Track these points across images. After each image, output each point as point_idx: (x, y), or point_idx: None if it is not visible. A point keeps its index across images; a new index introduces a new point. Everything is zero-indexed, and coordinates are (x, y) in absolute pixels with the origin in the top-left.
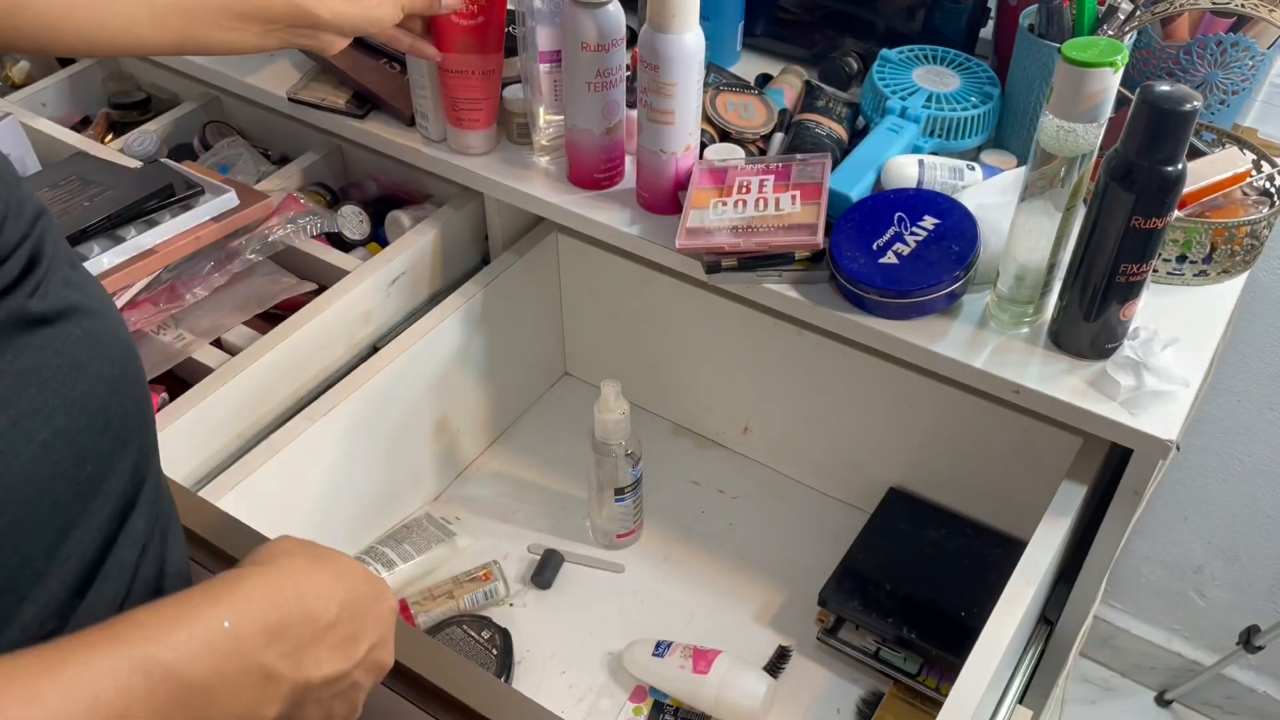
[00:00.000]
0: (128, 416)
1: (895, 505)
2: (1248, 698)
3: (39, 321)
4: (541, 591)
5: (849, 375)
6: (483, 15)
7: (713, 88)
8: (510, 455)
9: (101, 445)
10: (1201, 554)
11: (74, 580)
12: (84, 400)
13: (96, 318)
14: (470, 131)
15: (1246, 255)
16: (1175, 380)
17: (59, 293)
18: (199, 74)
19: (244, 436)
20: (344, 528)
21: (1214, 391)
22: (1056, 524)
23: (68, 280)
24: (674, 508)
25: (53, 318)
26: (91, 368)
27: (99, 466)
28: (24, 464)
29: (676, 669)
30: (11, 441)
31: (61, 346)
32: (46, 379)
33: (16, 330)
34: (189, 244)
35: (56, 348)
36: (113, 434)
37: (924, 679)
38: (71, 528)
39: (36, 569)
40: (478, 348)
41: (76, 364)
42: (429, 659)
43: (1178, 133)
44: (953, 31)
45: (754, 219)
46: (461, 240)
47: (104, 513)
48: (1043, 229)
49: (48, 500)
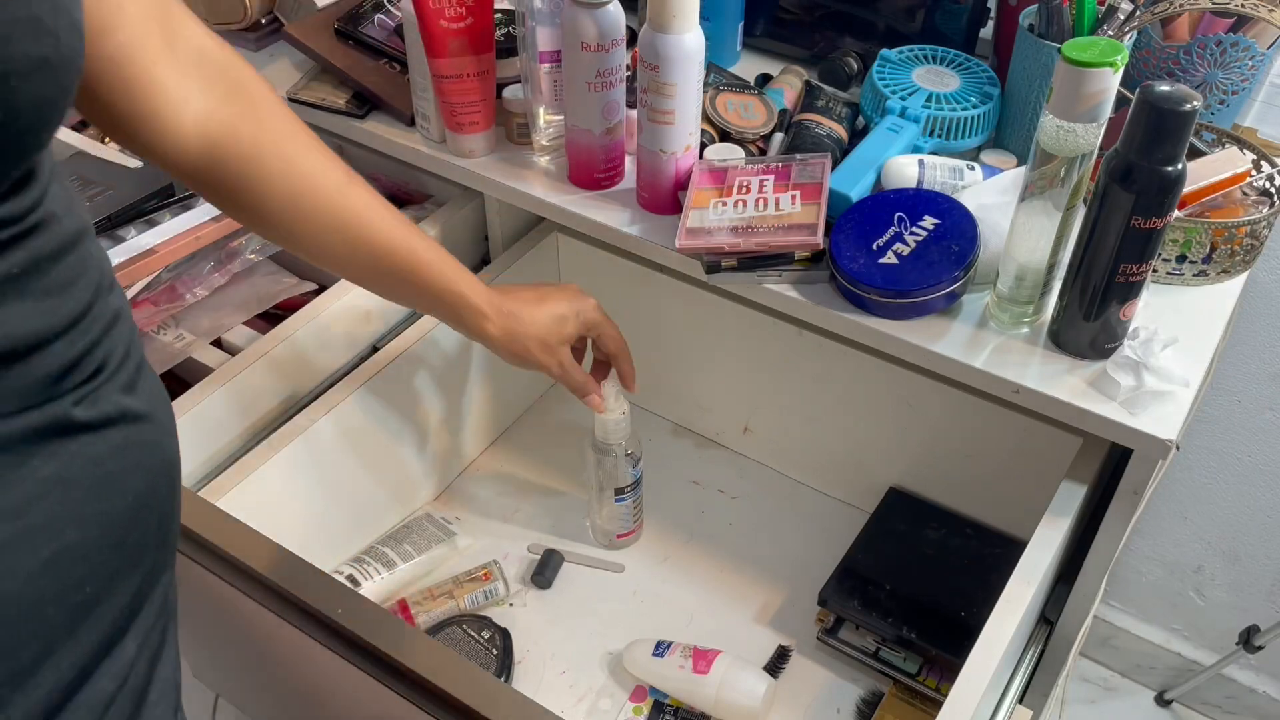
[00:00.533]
0: (146, 533)
1: (895, 505)
2: (1248, 698)
3: (82, 429)
4: (541, 591)
5: (849, 375)
6: (471, 16)
7: (713, 88)
8: (510, 455)
9: (110, 565)
10: (1201, 554)
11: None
12: (104, 516)
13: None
14: (470, 135)
15: (1246, 255)
16: (1175, 380)
17: (112, 398)
18: None
19: (244, 436)
20: (344, 528)
21: (1214, 391)
22: (1056, 524)
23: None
24: (674, 508)
25: (98, 425)
26: (123, 481)
27: (99, 587)
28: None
29: (676, 669)
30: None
31: (97, 455)
32: (71, 489)
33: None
34: (189, 244)
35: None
36: (125, 552)
37: (924, 679)
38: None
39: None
40: (478, 348)
41: (108, 476)
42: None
43: (1178, 133)
44: (953, 31)
45: (754, 219)
46: (462, 240)
47: (90, 640)
48: (1043, 229)
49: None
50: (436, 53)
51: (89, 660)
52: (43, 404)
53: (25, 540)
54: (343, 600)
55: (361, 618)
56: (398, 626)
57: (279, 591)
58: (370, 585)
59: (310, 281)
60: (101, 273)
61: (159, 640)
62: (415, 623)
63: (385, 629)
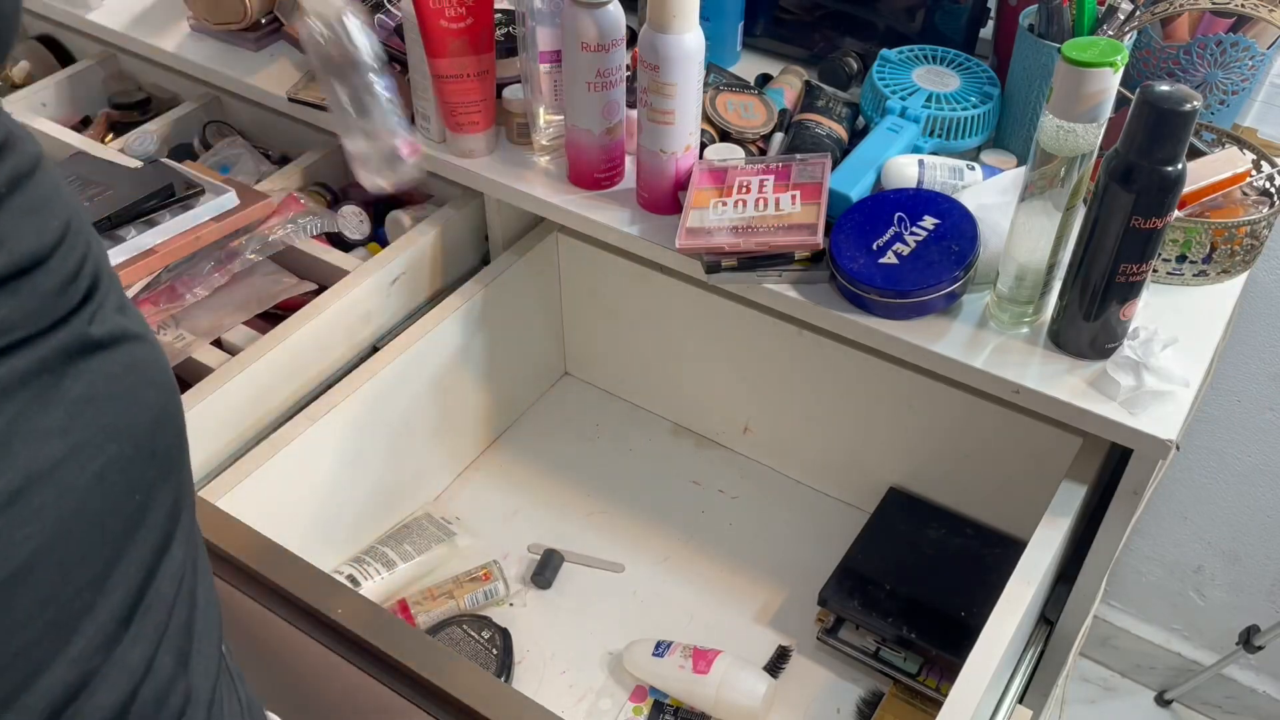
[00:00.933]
0: (170, 448)
1: (895, 505)
2: (1248, 698)
3: (97, 347)
4: (541, 591)
5: (849, 375)
6: (472, 16)
7: (713, 88)
8: (510, 455)
9: (148, 475)
10: (1201, 554)
11: (121, 611)
12: (134, 429)
13: (144, 345)
14: (470, 135)
15: (1246, 255)
16: (1175, 380)
17: (113, 318)
18: (199, 74)
19: (244, 436)
20: (344, 528)
21: (1214, 391)
22: (1056, 524)
23: (120, 305)
24: (674, 508)
25: (108, 343)
26: (141, 396)
27: (146, 496)
28: (78, 493)
29: (676, 669)
30: (68, 470)
31: (115, 372)
32: (102, 406)
33: (79, 355)
34: (189, 244)
35: (111, 373)
36: (158, 464)
37: (924, 679)
38: (119, 559)
39: (86, 600)
40: (478, 348)
41: (128, 390)
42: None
43: (1178, 133)
44: (953, 31)
45: (754, 219)
46: (462, 240)
47: (148, 544)
48: (1043, 229)
49: (99, 530)
50: (436, 53)
51: (151, 563)
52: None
53: (75, 457)
54: (343, 600)
55: (361, 618)
56: (398, 626)
57: (279, 591)
58: (370, 585)
59: (310, 281)
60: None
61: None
62: (415, 623)
63: (385, 629)
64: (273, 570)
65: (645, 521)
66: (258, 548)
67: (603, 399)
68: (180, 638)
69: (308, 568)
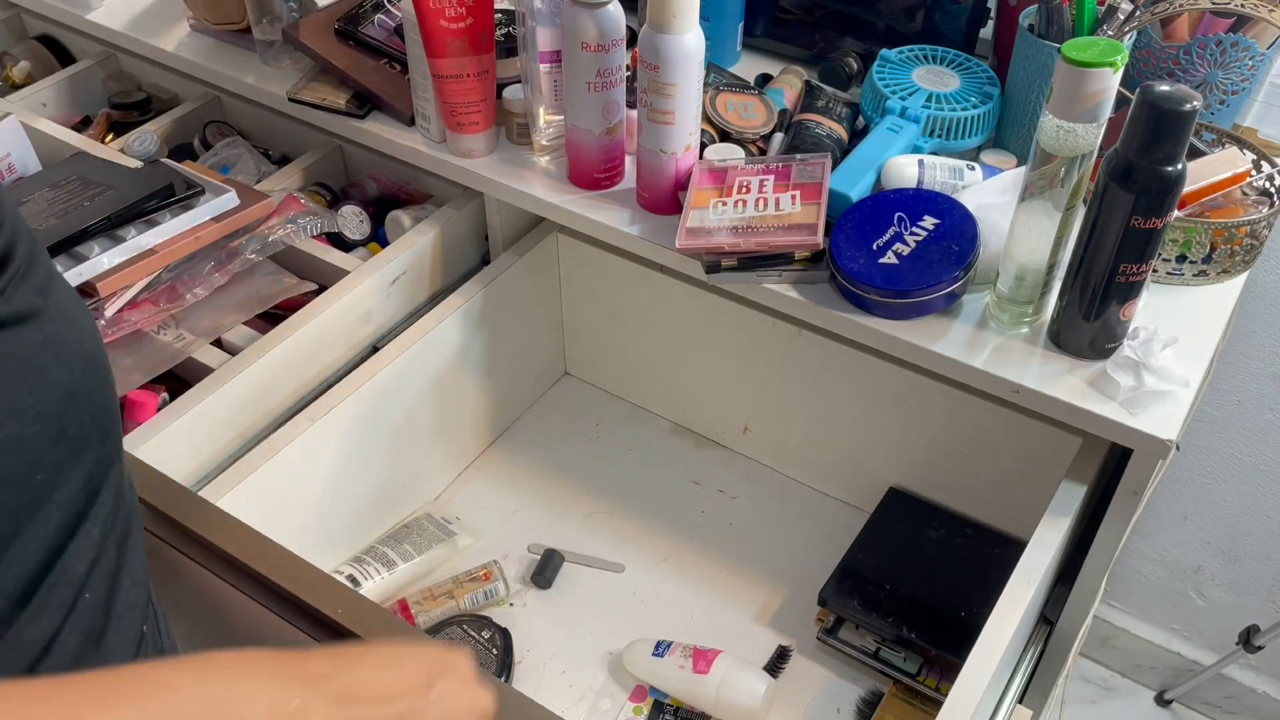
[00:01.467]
0: (84, 426)
1: (895, 505)
2: (1248, 698)
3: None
4: (541, 591)
5: (849, 375)
6: (471, 16)
7: (713, 88)
8: (510, 455)
9: (54, 454)
10: (1201, 554)
11: (16, 591)
12: (38, 408)
13: (59, 324)
14: (470, 135)
15: (1246, 255)
16: (1175, 380)
17: (23, 298)
18: (199, 74)
19: (244, 436)
20: (344, 528)
21: (1214, 391)
22: (1056, 524)
23: (39, 288)
24: (674, 508)
25: (11, 321)
26: (48, 375)
27: (51, 475)
28: None
29: (676, 669)
30: None
31: (16, 351)
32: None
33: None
34: (189, 244)
35: (13, 351)
36: (67, 444)
37: (924, 679)
38: (15, 536)
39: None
40: (478, 348)
41: (32, 370)
42: None
43: (1178, 133)
44: (953, 31)
45: (754, 219)
46: (462, 240)
47: (52, 522)
48: (1043, 229)
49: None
50: (436, 53)
51: (55, 541)
52: None
53: None
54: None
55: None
56: (398, 627)
57: (279, 591)
58: (370, 585)
59: (310, 281)
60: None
61: (124, 533)
62: (415, 623)
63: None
64: (273, 570)
65: (645, 521)
66: (257, 548)
67: (603, 399)
68: (92, 617)
69: (308, 568)
